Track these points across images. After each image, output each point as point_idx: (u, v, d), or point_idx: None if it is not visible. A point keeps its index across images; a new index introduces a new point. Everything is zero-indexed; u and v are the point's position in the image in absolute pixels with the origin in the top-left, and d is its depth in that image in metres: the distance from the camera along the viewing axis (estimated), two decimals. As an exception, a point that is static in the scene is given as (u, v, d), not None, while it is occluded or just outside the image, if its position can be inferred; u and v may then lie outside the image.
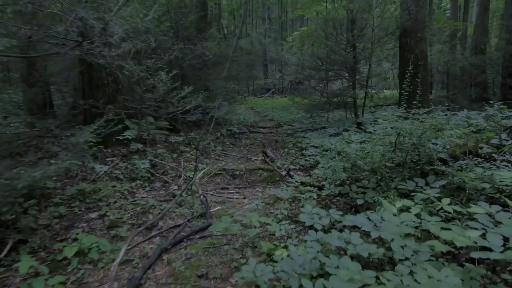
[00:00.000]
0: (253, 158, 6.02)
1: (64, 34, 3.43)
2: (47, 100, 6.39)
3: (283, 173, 4.82)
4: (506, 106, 5.12)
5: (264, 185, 4.52)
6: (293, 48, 23.78)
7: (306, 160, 5.18)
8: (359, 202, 2.75)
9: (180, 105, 5.51)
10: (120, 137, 5.01)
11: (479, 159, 3.24)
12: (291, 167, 5.22)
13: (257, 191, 4.29)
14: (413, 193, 2.63)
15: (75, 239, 2.83)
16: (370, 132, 5.38)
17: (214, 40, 7.64)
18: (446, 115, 4.47)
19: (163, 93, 5.16)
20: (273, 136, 8.18)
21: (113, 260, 2.51)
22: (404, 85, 7.06)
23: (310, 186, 3.99)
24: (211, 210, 3.46)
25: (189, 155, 5.84)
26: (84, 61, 5.15)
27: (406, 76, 6.91)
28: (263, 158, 5.87)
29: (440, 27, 12.79)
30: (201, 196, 3.40)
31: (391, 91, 14.85)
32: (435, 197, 2.47)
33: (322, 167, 4.31)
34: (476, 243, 1.67)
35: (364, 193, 2.89)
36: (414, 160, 3.11)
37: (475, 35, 14.89)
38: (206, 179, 4.71)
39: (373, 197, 2.74)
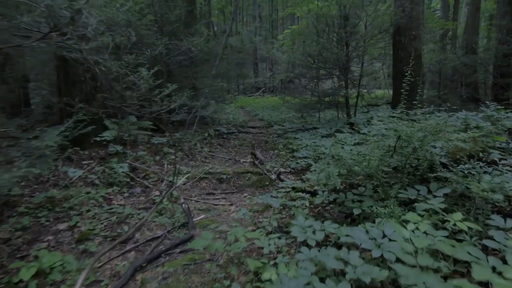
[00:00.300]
0: (241, 160, 5.72)
1: (33, 25, 3.08)
2: (22, 98, 5.96)
3: (273, 176, 4.54)
4: (503, 107, 4.96)
5: (252, 190, 4.23)
6: (284, 47, 23.55)
7: (297, 163, 4.91)
8: (356, 211, 2.49)
9: (164, 104, 5.18)
10: (98, 138, 4.64)
11: (481, 163, 3.03)
12: (282, 170, 4.94)
13: (245, 196, 4.00)
14: (415, 203, 2.38)
15: (36, 257, 2.49)
16: (364, 134, 5.15)
17: (202, 36, 7.30)
18: (442, 116, 4.27)
19: (145, 91, 4.81)
20: (263, 137, 7.89)
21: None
22: (397, 84, 6.87)
23: (302, 191, 3.71)
24: (194, 219, 3.15)
25: (173, 157, 5.50)
26: (62, 56, 4.77)
27: (400, 75, 6.73)
28: (252, 160, 5.58)
29: (431, 26, 12.71)
30: (183, 204, 3.09)
31: (382, 91, 14.75)
32: (440, 208, 2.22)
33: (315, 170, 4.05)
34: None
35: (360, 201, 2.63)
36: (414, 165, 2.87)
37: (465, 34, 14.91)
38: (191, 184, 4.39)
39: (371, 206, 2.48)
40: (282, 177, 4.48)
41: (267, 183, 4.34)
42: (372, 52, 7.16)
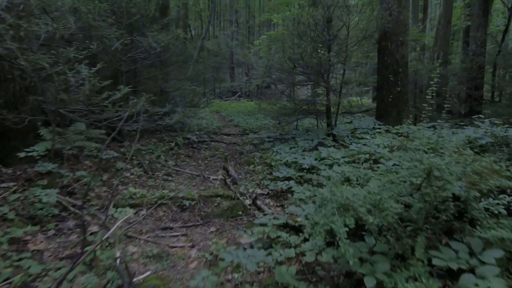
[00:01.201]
0: (211, 178, 4.79)
1: None
2: None
3: (248, 202, 3.65)
4: (501, 122, 4.41)
5: (222, 221, 3.31)
6: (260, 52, 22.86)
7: (276, 184, 4.05)
8: (369, 283, 1.65)
9: (120, 110, 4.15)
10: (23, 154, 3.52)
11: (507, 197, 2.33)
12: (258, 191, 4.07)
13: (211, 232, 3.07)
14: (452, 269, 1.59)
15: None
16: (353, 149, 4.40)
17: (170, 33, 6.30)
18: (445, 133, 3.59)
19: (90, 94, 3.76)
20: (237, 146, 6.99)
21: None
22: (382, 93, 6.27)
23: (284, 226, 2.86)
24: (136, 278, 2.18)
25: (130, 175, 4.46)
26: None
27: (386, 83, 6.12)
28: (223, 177, 4.66)
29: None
30: (117, 261, 2.11)
31: (354, 98, 14.37)
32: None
33: (301, 200, 3.20)
34: None
35: (372, 263, 1.80)
36: (437, 206, 2.10)
37: (436, 46, 14.97)
38: (144, 212, 3.39)
39: (390, 275, 1.65)
40: (258, 202, 3.60)
41: (241, 212, 3.44)
42: (358, 58, 6.52)
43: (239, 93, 22.77)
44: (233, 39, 23.14)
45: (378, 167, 2.75)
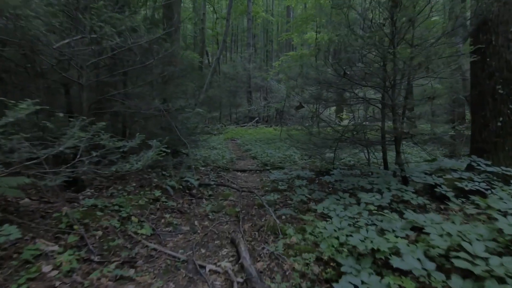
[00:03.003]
0: (207, 268, 2.53)
1: None
2: None
3: None
4: None
5: None
6: (280, 75, 21.07)
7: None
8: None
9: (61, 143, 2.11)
10: None
11: None
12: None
13: None
14: None
15: None
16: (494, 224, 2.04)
17: (155, 33, 4.35)
18: None
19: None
20: (255, 193, 4.73)
21: None
22: (483, 116, 3.91)
23: None
24: None
25: (48, 271, 2.28)
26: None
27: (490, 99, 3.81)
28: (229, 268, 2.40)
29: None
30: None
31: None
32: None
33: None
34: None
35: None
36: None
37: None
38: None
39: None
40: None
41: None
42: (437, 64, 4.27)
43: (257, 118, 20.82)
44: (251, 61, 21.59)
45: None
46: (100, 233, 2.84)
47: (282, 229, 3.11)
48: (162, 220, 3.55)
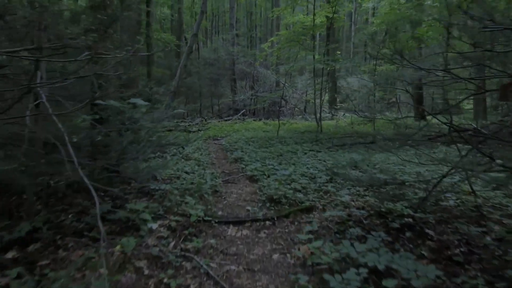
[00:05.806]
0: None
1: None
2: None
3: None
4: None
5: None
6: (271, 57, 17.70)
7: None
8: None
9: None
10: None
11: None
12: None
13: None
14: None
15: None
16: None
17: None
18: None
19: None
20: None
21: None
22: None
23: None
24: None
25: None
26: None
27: None
28: None
29: None
30: None
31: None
32: None
33: None
34: None
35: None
36: None
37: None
38: None
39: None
40: None
41: None
42: None
43: (243, 110, 17.40)
44: (235, 44, 18.00)
45: None
46: None
47: None
48: None
